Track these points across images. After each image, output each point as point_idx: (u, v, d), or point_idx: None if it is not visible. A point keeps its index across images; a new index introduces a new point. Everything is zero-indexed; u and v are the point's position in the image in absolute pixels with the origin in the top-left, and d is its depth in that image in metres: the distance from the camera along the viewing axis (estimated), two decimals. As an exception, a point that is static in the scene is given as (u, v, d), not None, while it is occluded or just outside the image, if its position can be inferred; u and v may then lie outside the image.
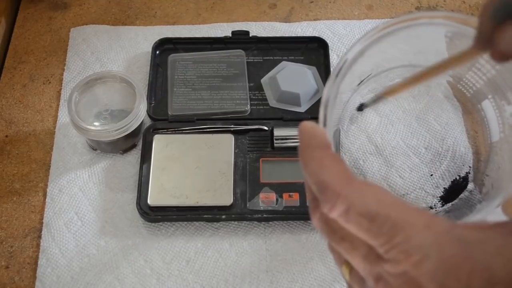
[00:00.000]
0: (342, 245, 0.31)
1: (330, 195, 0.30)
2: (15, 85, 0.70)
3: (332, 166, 0.31)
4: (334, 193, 0.30)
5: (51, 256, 0.58)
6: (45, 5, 0.77)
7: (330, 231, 0.32)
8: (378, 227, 0.28)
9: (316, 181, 0.31)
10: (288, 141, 0.62)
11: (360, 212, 0.29)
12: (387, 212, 0.29)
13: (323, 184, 0.30)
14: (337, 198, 0.30)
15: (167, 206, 0.59)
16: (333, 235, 0.32)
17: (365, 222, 0.29)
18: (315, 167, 0.31)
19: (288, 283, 0.56)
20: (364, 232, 0.29)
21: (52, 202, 0.61)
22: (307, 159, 0.32)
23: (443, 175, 0.61)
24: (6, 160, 0.64)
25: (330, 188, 0.30)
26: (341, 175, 0.31)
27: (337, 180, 0.30)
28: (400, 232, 0.28)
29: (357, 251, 0.30)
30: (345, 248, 0.31)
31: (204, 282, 0.56)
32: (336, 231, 0.31)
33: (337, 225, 0.31)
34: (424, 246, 0.28)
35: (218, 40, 0.71)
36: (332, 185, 0.30)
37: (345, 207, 0.29)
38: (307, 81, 0.66)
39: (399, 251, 0.28)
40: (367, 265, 0.30)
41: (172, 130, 0.64)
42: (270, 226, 0.59)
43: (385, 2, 0.76)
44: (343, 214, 0.30)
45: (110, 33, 0.73)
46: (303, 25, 0.73)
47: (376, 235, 0.29)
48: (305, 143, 0.33)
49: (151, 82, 0.67)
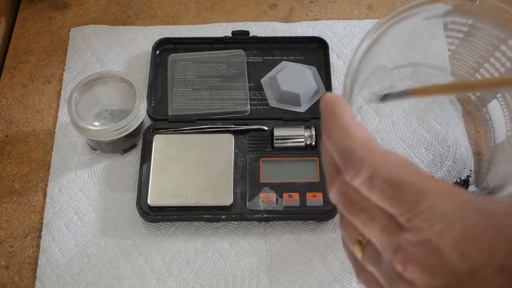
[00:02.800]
0: (360, 217, 0.31)
1: (354, 162, 0.30)
2: (15, 85, 0.70)
3: (357, 133, 0.31)
4: (359, 160, 0.30)
5: (51, 256, 0.58)
6: (45, 5, 0.76)
7: (348, 203, 0.31)
8: (402, 195, 0.28)
9: (340, 148, 0.31)
10: (288, 141, 0.62)
11: (384, 179, 0.29)
12: (412, 180, 0.28)
13: (348, 151, 0.30)
14: (361, 164, 0.29)
15: (167, 206, 0.59)
16: (351, 207, 0.31)
17: (389, 189, 0.29)
18: (340, 134, 0.31)
19: (288, 283, 0.56)
20: (387, 200, 0.29)
21: (52, 202, 0.61)
22: (331, 127, 0.32)
23: (444, 177, 0.61)
24: (6, 160, 0.64)
25: (355, 155, 0.30)
26: (366, 142, 0.31)
27: (362, 147, 0.30)
28: (424, 200, 0.28)
29: (376, 223, 0.30)
30: (363, 220, 0.31)
31: (204, 282, 0.56)
32: (355, 203, 0.31)
33: (356, 196, 0.31)
34: (448, 214, 0.27)
35: (218, 40, 0.71)
36: (356, 151, 0.30)
37: (370, 174, 0.29)
38: (307, 81, 0.66)
39: (422, 219, 0.28)
40: (386, 236, 0.29)
41: (172, 130, 0.64)
42: (270, 226, 0.59)
43: (385, 2, 0.76)
44: (366, 181, 0.29)
45: (110, 33, 0.73)
46: (303, 25, 0.73)
47: (400, 203, 0.28)
48: (329, 111, 0.32)
49: (151, 82, 0.67)
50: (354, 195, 0.31)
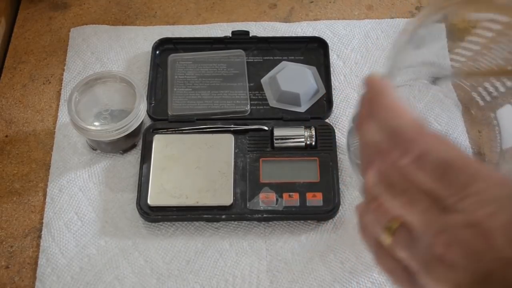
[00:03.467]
0: (401, 198, 0.30)
1: (404, 140, 0.29)
2: (15, 85, 0.70)
3: (406, 113, 0.31)
4: (409, 138, 0.29)
5: (51, 256, 0.58)
6: (45, 5, 0.76)
7: (389, 183, 0.31)
8: (452, 176, 0.28)
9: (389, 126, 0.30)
10: (288, 141, 0.62)
11: (435, 159, 0.28)
12: (463, 163, 0.28)
13: (397, 130, 0.30)
14: (412, 143, 0.29)
15: (167, 206, 0.59)
16: (392, 187, 0.30)
17: (439, 169, 0.28)
18: (389, 113, 0.31)
19: (288, 283, 0.56)
20: (436, 181, 0.28)
21: (52, 202, 0.61)
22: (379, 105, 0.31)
23: None
24: (6, 160, 0.64)
25: (405, 133, 0.29)
26: (417, 122, 0.30)
27: (413, 126, 0.30)
28: (475, 183, 0.27)
29: (418, 204, 0.29)
30: (405, 201, 0.30)
31: (204, 282, 0.56)
32: (396, 184, 0.30)
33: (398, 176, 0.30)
34: (500, 198, 0.27)
35: (218, 40, 0.71)
36: (407, 130, 0.30)
37: (420, 153, 0.29)
38: (307, 81, 0.66)
39: (472, 201, 0.27)
40: (429, 217, 0.29)
41: (172, 130, 0.64)
42: (270, 226, 0.59)
43: (385, 2, 0.76)
44: (416, 160, 0.29)
45: (110, 33, 0.73)
46: (303, 25, 0.73)
47: (449, 184, 0.28)
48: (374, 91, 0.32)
49: (151, 82, 0.67)
50: (395, 175, 0.30)
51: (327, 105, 0.66)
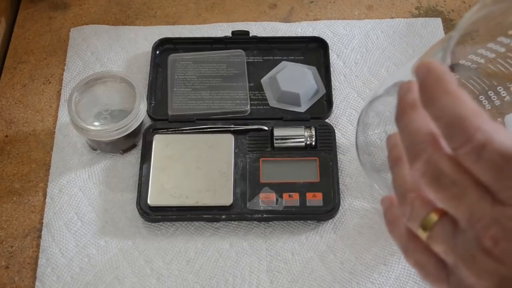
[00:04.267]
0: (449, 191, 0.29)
1: (467, 128, 0.28)
2: (15, 85, 0.70)
3: (469, 101, 0.29)
4: (472, 126, 0.28)
5: (51, 256, 0.58)
6: (45, 5, 0.76)
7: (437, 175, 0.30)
8: None
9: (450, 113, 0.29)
10: (288, 141, 0.62)
11: (498, 150, 0.27)
12: None
13: (460, 117, 0.29)
14: (475, 131, 0.28)
15: (167, 206, 0.59)
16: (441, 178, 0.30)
17: (500, 160, 0.27)
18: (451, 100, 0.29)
19: (288, 283, 0.56)
20: (494, 172, 0.28)
21: (52, 202, 0.61)
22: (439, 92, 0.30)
23: None
24: (6, 160, 0.64)
25: (468, 121, 0.28)
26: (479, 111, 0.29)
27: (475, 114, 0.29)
28: None
29: (468, 195, 0.29)
30: (453, 192, 0.29)
31: (204, 282, 0.56)
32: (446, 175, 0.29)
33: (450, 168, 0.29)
34: None
35: (218, 40, 0.71)
36: (471, 118, 0.28)
37: (483, 142, 0.28)
38: (307, 81, 0.66)
39: None
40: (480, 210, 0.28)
41: (172, 130, 0.64)
42: (270, 226, 0.59)
43: (385, 2, 0.76)
44: (477, 149, 0.28)
45: (110, 33, 0.73)
46: (303, 25, 0.73)
47: (507, 177, 0.27)
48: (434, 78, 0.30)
49: (151, 82, 0.67)
50: (447, 166, 0.29)
51: (327, 105, 0.66)
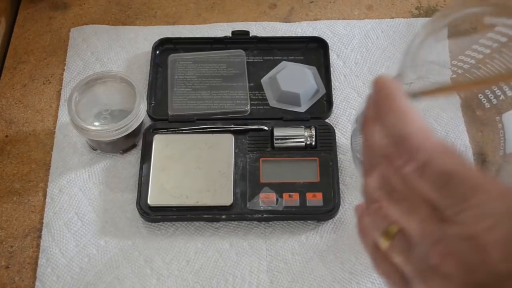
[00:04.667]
0: (401, 205, 0.30)
1: (410, 147, 0.29)
2: (15, 85, 0.70)
3: (415, 120, 0.30)
4: (415, 146, 0.29)
5: (51, 256, 0.58)
6: (45, 5, 0.77)
7: (390, 189, 0.31)
8: (453, 187, 0.28)
9: (396, 132, 0.30)
10: (288, 141, 0.62)
11: (438, 169, 0.28)
12: (466, 174, 0.28)
13: (404, 136, 0.30)
14: (417, 150, 0.29)
15: (167, 206, 0.59)
16: (393, 193, 0.30)
17: (442, 179, 0.28)
18: (397, 118, 0.30)
19: (288, 283, 0.56)
20: (437, 190, 0.28)
21: (52, 202, 0.61)
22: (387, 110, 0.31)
23: None
24: (6, 160, 0.64)
25: (411, 140, 0.29)
26: (424, 130, 0.30)
27: (419, 133, 0.30)
28: (476, 195, 0.27)
29: (418, 212, 0.29)
30: (405, 207, 0.30)
31: (204, 282, 0.56)
32: (398, 191, 0.30)
33: (400, 183, 0.30)
34: (498, 213, 0.27)
35: (218, 40, 0.71)
36: (413, 137, 0.29)
37: (424, 162, 0.29)
38: (307, 81, 0.66)
39: (471, 214, 0.27)
40: (428, 226, 0.29)
41: (172, 130, 0.64)
42: (270, 226, 0.59)
43: (385, 2, 0.76)
44: (419, 168, 0.29)
45: (110, 33, 0.73)
46: (303, 25, 0.73)
47: (450, 195, 0.28)
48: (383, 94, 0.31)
49: (151, 82, 0.67)
50: (398, 182, 0.30)
51: (327, 105, 0.66)
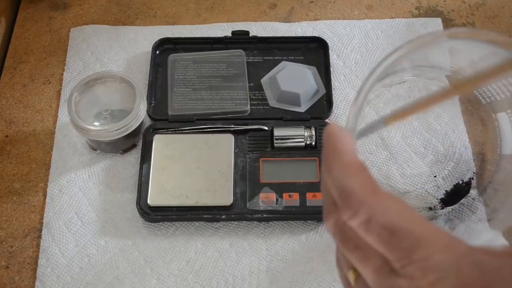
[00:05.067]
0: (354, 254, 0.31)
1: (352, 203, 0.29)
2: (15, 85, 0.70)
3: (358, 174, 0.30)
4: (357, 202, 0.29)
5: (51, 256, 0.58)
6: (45, 5, 0.77)
7: (343, 238, 0.31)
8: (398, 241, 0.28)
9: (339, 186, 0.30)
10: (288, 141, 0.62)
11: (382, 224, 0.29)
12: (410, 227, 0.28)
13: (346, 191, 0.30)
14: (359, 206, 0.29)
15: (167, 206, 0.59)
16: (347, 242, 0.31)
17: (386, 234, 0.28)
18: (340, 172, 0.31)
19: (288, 283, 0.56)
20: (383, 245, 0.29)
21: (52, 202, 0.61)
22: (332, 163, 0.31)
23: (446, 178, 0.61)
24: (6, 160, 0.64)
25: (353, 196, 0.29)
26: (367, 184, 0.30)
27: (362, 188, 0.30)
28: (420, 249, 0.28)
29: (370, 262, 0.30)
30: (358, 257, 0.31)
31: (204, 282, 0.56)
32: (351, 239, 0.31)
33: (352, 233, 0.30)
34: (442, 266, 0.28)
35: (218, 40, 0.71)
36: (356, 193, 0.30)
37: (367, 217, 0.29)
38: (307, 81, 0.66)
39: (416, 268, 0.28)
40: (379, 277, 0.30)
41: (172, 130, 0.64)
42: (270, 226, 0.59)
43: (385, 2, 0.76)
44: (363, 224, 0.29)
45: (110, 33, 0.73)
46: (303, 25, 0.73)
47: (395, 249, 0.28)
48: (331, 146, 0.32)
49: (151, 82, 0.67)
50: (349, 231, 0.31)
51: (327, 105, 0.66)
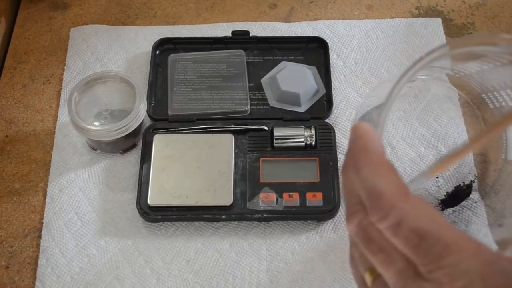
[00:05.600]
0: (377, 256, 0.31)
1: (383, 205, 0.29)
2: (15, 85, 0.70)
3: (389, 175, 0.30)
4: (388, 204, 0.29)
5: (51, 256, 0.58)
6: (45, 5, 0.77)
7: (367, 239, 0.31)
8: (427, 246, 0.28)
9: (369, 187, 0.30)
10: (288, 141, 0.62)
11: (412, 228, 0.28)
12: (440, 233, 0.28)
13: (377, 192, 0.29)
14: (390, 209, 0.29)
15: (167, 206, 0.59)
16: (370, 243, 0.31)
17: (415, 238, 0.28)
18: (371, 173, 0.30)
19: (288, 283, 0.56)
20: (411, 249, 0.29)
21: (52, 202, 0.61)
22: (362, 163, 0.30)
23: (447, 179, 0.61)
24: (6, 160, 0.64)
25: (384, 198, 0.29)
26: (398, 186, 0.30)
27: (393, 190, 0.29)
28: (449, 255, 0.28)
29: (393, 265, 0.30)
30: (381, 259, 0.30)
31: (204, 282, 0.56)
32: (374, 241, 0.30)
33: (377, 235, 0.30)
34: (470, 273, 0.27)
35: (218, 40, 0.71)
36: (387, 194, 0.29)
37: (397, 220, 0.29)
38: (307, 81, 0.66)
39: (444, 273, 0.28)
40: (402, 279, 0.29)
41: (172, 130, 0.64)
42: (270, 226, 0.59)
43: (385, 2, 0.76)
44: (392, 227, 0.29)
45: (110, 33, 0.73)
46: (303, 25, 0.73)
47: (424, 254, 0.28)
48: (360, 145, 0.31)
49: (151, 82, 0.67)
50: (374, 233, 0.30)
51: (327, 105, 0.66)
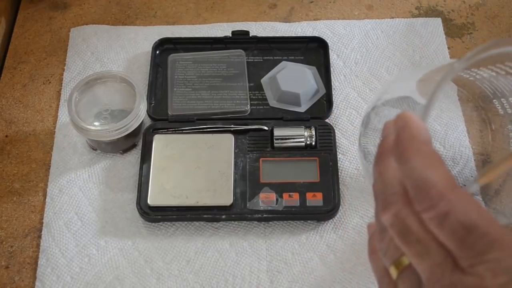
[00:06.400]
0: (414, 247, 0.30)
1: (432, 195, 0.29)
2: (15, 85, 0.70)
3: (439, 166, 0.30)
4: (438, 194, 0.29)
5: (51, 256, 0.58)
6: (45, 5, 0.77)
7: (403, 230, 0.30)
8: (473, 240, 0.28)
9: (417, 177, 0.29)
10: (288, 141, 0.62)
11: (460, 220, 0.28)
12: (487, 228, 0.28)
13: (427, 182, 0.29)
14: (439, 199, 0.28)
15: (167, 206, 0.59)
16: (407, 234, 0.30)
17: (462, 231, 0.28)
18: (421, 162, 0.30)
19: (288, 283, 0.56)
20: (456, 241, 0.28)
21: (52, 202, 0.61)
22: (411, 152, 0.30)
23: None
24: (6, 160, 0.64)
25: (434, 188, 0.29)
26: (448, 179, 0.29)
27: (443, 181, 0.29)
28: (494, 250, 0.28)
29: (430, 256, 0.29)
30: (417, 250, 0.30)
31: (204, 282, 0.56)
32: (412, 232, 0.30)
33: (416, 226, 0.30)
34: None
35: (218, 40, 0.71)
36: (437, 185, 0.29)
37: (445, 211, 0.28)
38: (307, 81, 0.66)
39: (487, 268, 0.27)
40: (438, 272, 0.29)
41: (172, 130, 0.64)
42: (270, 226, 0.59)
43: (385, 2, 0.76)
44: (439, 217, 0.28)
45: (110, 33, 0.73)
46: (303, 25, 0.73)
47: (468, 247, 0.28)
48: (408, 134, 0.30)
49: (151, 82, 0.67)
50: (413, 223, 0.30)
51: (327, 105, 0.66)
